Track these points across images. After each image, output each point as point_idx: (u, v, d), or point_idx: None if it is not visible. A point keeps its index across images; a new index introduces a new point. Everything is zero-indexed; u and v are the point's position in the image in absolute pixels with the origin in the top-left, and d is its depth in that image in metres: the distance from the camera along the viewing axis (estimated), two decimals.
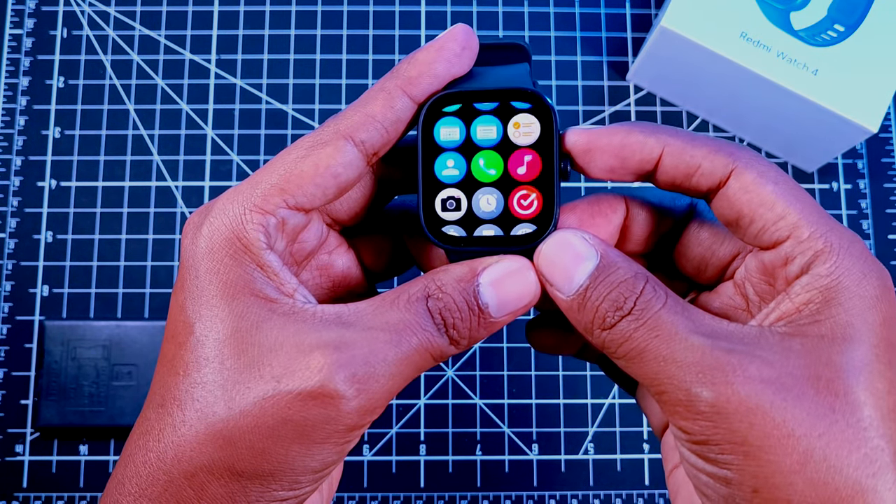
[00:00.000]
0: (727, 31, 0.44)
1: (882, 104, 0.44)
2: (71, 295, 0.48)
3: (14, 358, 0.47)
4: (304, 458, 0.24)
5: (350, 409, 0.23)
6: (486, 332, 0.26)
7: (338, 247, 0.28)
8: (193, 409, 0.24)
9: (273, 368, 0.23)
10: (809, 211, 0.24)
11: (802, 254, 0.24)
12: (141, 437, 0.25)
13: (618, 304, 0.24)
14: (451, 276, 0.25)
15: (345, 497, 0.46)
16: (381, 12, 0.52)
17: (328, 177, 0.25)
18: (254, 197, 0.25)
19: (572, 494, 0.46)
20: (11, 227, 0.48)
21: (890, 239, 0.49)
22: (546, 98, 0.25)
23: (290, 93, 0.50)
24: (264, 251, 0.25)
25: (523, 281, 0.25)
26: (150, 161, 0.49)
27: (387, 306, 0.25)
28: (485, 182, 0.26)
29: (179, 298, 0.25)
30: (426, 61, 0.26)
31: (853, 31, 0.45)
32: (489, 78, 0.27)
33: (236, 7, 0.51)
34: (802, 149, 0.49)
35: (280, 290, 0.25)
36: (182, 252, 0.25)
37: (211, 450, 0.23)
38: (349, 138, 0.25)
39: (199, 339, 0.24)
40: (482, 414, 0.47)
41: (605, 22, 0.52)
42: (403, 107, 0.26)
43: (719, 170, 0.25)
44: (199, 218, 0.25)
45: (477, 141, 0.26)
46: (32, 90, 0.50)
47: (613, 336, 0.24)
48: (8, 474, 0.45)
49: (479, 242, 0.26)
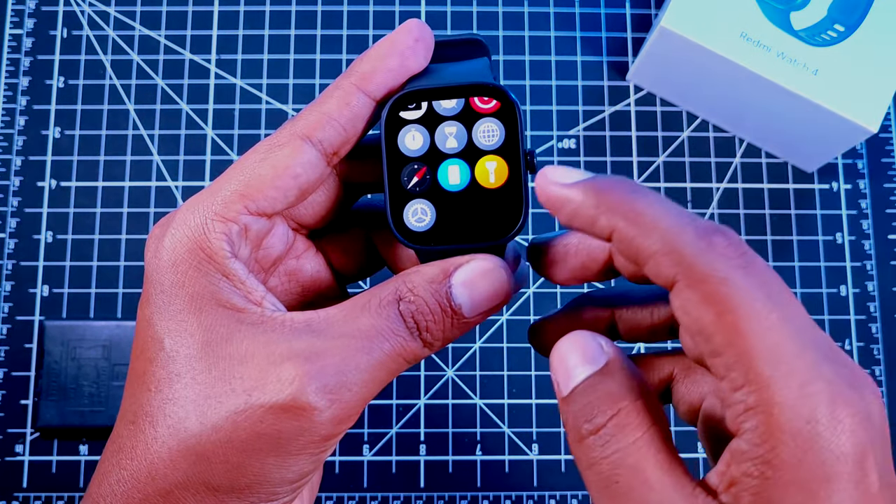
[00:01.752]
0: (727, 31, 0.44)
1: (882, 104, 0.44)
2: (71, 295, 0.48)
3: (14, 358, 0.47)
4: (279, 469, 0.23)
5: (323, 420, 0.23)
6: (459, 332, 0.25)
7: (305, 251, 0.28)
8: (165, 425, 0.23)
9: (244, 381, 0.23)
10: (759, 343, 0.20)
11: (733, 406, 0.20)
12: (114, 454, 0.24)
13: (587, 417, 0.22)
14: (422, 277, 0.25)
15: (345, 497, 0.46)
16: (381, 12, 0.52)
17: (288, 179, 0.24)
18: (214, 205, 0.24)
19: (572, 494, 0.46)
20: (11, 227, 0.48)
21: (890, 239, 0.49)
22: (510, 93, 0.25)
23: (290, 93, 0.50)
24: (229, 259, 0.24)
25: (495, 279, 0.25)
26: (150, 161, 0.49)
27: (357, 311, 0.24)
28: (451, 189, 0.26)
29: (146, 313, 0.24)
30: (379, 56, 0.25)
31: (853, 31, 0.45)
32: (448, 74, 0.26)
33: (236, 7, 0.51)
34: (802, 149, 0.49)
35: (248, 298, 0.24)
36: (146, 266, 0.25)
37: (185, 466, 0.23)
38: (307, 139, 0.25)
39: (169, 354, 0.24)
40: (482, 414, 0.47)
41: (605, 22, 0.52)
42: (360, 104, 0.25)
43: (661, 278, 0.21)
44: (161, 230, 0.25)
45: (442, 149, 0.26)
46: (32, 90, 0.50)
47: (583, 451, 0.22)
48: (8, 474, 0.45)
49: (449, 241, 0.25)
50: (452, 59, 0.27)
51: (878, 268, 0.49)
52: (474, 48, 0.27)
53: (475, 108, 0.25)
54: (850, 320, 0.48)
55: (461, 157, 0.26)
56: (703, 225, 0.21)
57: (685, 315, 0.21)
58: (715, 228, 0.21)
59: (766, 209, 0.49)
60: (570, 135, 0.50)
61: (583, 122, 0.50)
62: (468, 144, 0.26)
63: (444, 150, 0.26)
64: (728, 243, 0.21)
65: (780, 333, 0.20)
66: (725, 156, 0.50)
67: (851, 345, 0.48)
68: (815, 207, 0.50)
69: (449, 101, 0.25)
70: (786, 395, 0.19)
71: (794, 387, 0.19)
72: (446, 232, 0.26)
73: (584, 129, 0.50)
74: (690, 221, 0.21)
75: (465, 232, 0.26)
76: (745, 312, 0.20)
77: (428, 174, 0.26)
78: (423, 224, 0.26)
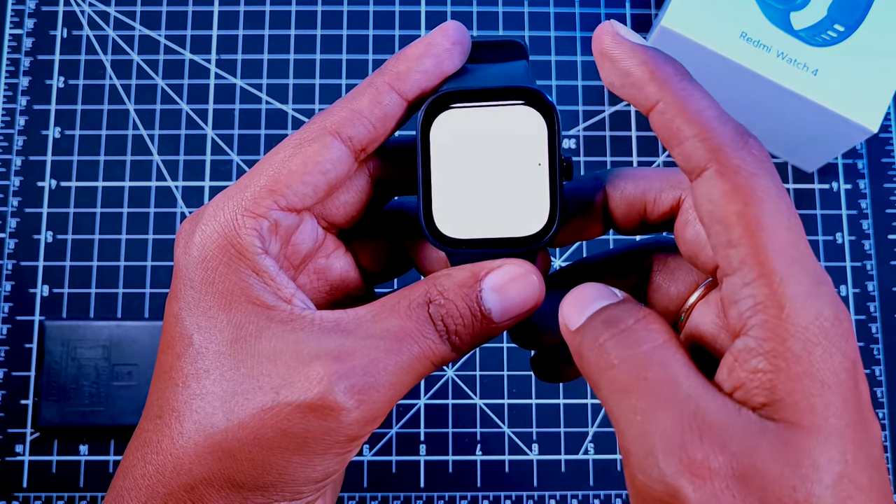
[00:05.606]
0: (727, 31, 0.44)
1: (882, 104, 0.44)
2: (71, 295, 0.48)
3: (14, 358, 0.47)
4: (305, 469, 0.23)
5: (351, 421, 0.23)
6: (488, 336, 0.25)
7: (335, 250, 0.28)
8: (192, 420, 0.23)
9: (272, 379, 0.23)
10: (778, 240, 0.20)
11: (741, 301, 0.20)
12: (139, 448, 0.24)
13: (610, 323, 0.22)
14: (452, 280, 0.24)
15: (345, 497, 0.46)
16: (381, 12, 0.52)
17: (317, 174, 0.24)
18: (244, 200, 0.24)
19: (572, 494, 0.46)
20: (11, 227, 0.48)
21: (890, 239, 0.49)
22: (548, 96, 0.25)
23: (290, 93, 0.50)
24: (259, 256, 0.24)
25: (527, 285, 0.25)
26: (150, 161, 0.49)
27: (386, 313, 0.24)
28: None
29: (174, 308, 0.24)
30: (414, 56, 0.25)
31: (853, 31, 0.45)
32: (486, 75, 0.26)
33: (236, 7, 0.51)
34: (802, 149, 0.49)
35: (277, 295, 0.24)
36: (175, 261, 0.25)
37: (210, 462, 0.23)
38: (336, 134, 0.24)
39: (198, 350, 0.24)
40: (482, 414, 0.47)
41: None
42: (391, 103, 0.25)
43: (692, 162, 0.22)
44: (191, 225, 0.25)
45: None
46: (32, 90, 0.50)
47: (602, 356, 0.22)
48: (8, 474, 0.45)
49: (481, 245, 0.25)
50: (490, 61, 0.27)
51: (878, 268, 0.49)
52: (513, 50, 0.27)
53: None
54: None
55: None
56: (742, 127, 0.22)
57: (709, 203, 0.21)
58: (750, 133, 0.22)
59: None
60: (570, 135, 0.50)
61: (583, 122, 0.50)
62: None
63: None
64: (761, 147, 0.22)
65: (797, 236, 0.21)
66: None
67: None
68: (815, 207, 0.50)
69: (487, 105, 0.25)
70: (797, 290, 0.20)
71: (805, 284, 0.20)
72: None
73: (584, 129, 0.50)
74: (732, 119, 0.22)
75: (497, 237, 0.25)
76: (769, 209, 0.20)
77: None
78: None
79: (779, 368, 0.20)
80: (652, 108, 0.22)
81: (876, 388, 0.47)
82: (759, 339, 0.20)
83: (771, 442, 0.19)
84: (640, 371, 0.21)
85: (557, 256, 0.49)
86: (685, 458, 0.20)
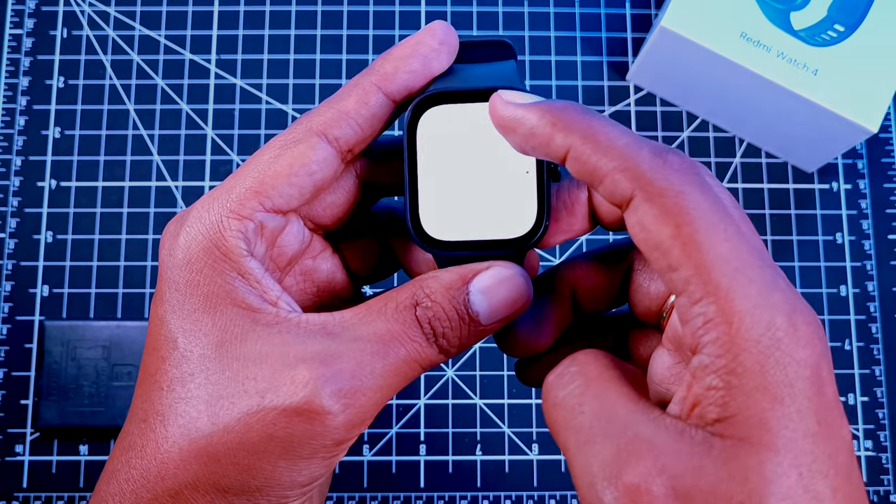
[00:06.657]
0: (727, 31, 0.44)
1: (882, 104, 0.44)
2: (71, 295, 0.48)
3: (14, 358, 0.47)
4: (291, 473, 0.23)
5: (337, 425, 0.23)
6: (475, 339, 0.25)
7: (322, 251, 0.28)
8: (177, 424, 0.23)
9: (258, 382, 0.23)
10: (718, 255, 0.20)
11: (692, 320, 0.20)
12: (123, 452, 0.24)
13: (557, 373, 0.23)
14: (440, 283, 0.24)
15: (345, 497, 0.46)
16: (381, 12, 0.52)
17: (303, 175, 0.24)
18: (230, 202, 0.24)
19: (572, 494, 0.46)
20: (11, 227, 0.48)
21: (890, 239, 0.49)
22: (536, 97, 0.24)
23: (290, 93, 0.50)
24: (245, 258, 0.24)
25: (514, 287, 0.24)
26: (150, 161, 0.49)
27: (373, 315, 0.24)
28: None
29: (159, 311, 0.24)
30: (402, 57, 0.25)
31: (853, 31, 0.45)
32: (474, 76, 0.26)
33: (236, 7, 0.51)
34: (802, 149, 0.49)
35: (263, 297, 0.24)
36: (160, 263, 0.24)
37: (195, 467, 0.23)
38: (322, 135, 0.24)
39: (182, 353, 0.23)
40: (482, 414, 0.47)
41: (605, 22, 0.52)
42: (378, 103, 0.25)
43: (617, 195, 0.21)
44: (175, 227, 0.24)
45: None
46: (32, 90, 0.50)
47: (545, 394, 0.23)
48: (8, 474, 0.45)
49: (468, 247, 0.25)
50: (478, 61, 0.26)
51: (878, 268, 0.49)
52: (501, 50, 0.27)
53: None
54: (850, 320, 0.48)
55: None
56: (656, 144, 0.22)
57: (642, 231, 0.21)
58: (668, 148, 0.22)
59: (766, 209, 0.49)
60: None
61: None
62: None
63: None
64: (682, 161, 0.21)
65: (737, 245, 0.20)
66: (725, 156, 0.50)
67: (851, 345, 0.48)
68: (815, 207, 0.50)
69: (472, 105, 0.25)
70: (745, 304, 0.19)
71: (753, 296, 0.19)
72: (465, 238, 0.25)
73: None
74: (645, 141, 0.22)
75: (484, 238, 0.25)
76: (703, 225, 0.20)
77: None
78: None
79: (731, 385, 0.19)
80: (566, 157, 0.22)
81: (876, 388, 0.47)
82: (712, 357, 0.20)
83: (716, 460, 0.19)
84: (576, 406, 0.21)
85: (557, 256, 0.49)
86: (621, 485, 0.19)
